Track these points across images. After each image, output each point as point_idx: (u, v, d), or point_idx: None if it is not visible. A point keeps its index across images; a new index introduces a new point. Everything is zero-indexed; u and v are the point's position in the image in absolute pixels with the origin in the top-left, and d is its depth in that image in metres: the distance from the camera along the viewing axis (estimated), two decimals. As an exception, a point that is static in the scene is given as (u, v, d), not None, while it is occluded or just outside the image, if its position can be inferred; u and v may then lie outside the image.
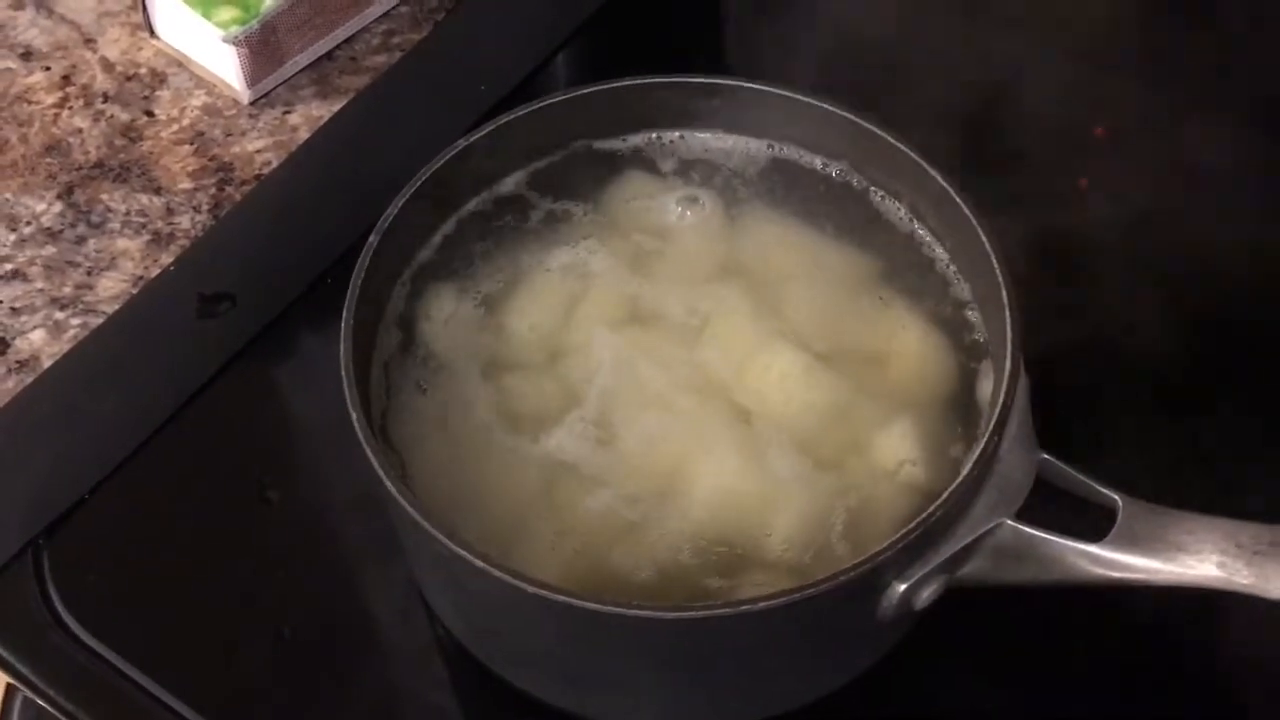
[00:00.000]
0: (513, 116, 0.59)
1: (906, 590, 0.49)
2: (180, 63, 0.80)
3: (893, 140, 0.58)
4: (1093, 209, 0.74)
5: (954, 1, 0.82)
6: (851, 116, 0.59)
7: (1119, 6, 0.80)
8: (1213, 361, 0.66)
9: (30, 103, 0.78)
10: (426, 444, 0.54)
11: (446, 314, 0.58)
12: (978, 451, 0.49)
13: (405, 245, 0.58)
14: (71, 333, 0.68)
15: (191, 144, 0.76)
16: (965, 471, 0.49)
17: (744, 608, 0.46)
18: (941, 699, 0.56)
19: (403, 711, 0.58)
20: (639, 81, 0.61)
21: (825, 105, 0.60)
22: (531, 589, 0.46)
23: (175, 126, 0.77)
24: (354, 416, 0.50)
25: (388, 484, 0.48)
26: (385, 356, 0.56)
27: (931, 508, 0.48)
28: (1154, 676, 0.57)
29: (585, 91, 0.61)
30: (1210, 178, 0.73)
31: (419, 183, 0.57)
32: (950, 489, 0.48)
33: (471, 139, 0.58)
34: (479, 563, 0.46)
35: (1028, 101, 0.75)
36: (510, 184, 0.61)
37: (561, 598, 0.46)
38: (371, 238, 0.55)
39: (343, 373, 0.51)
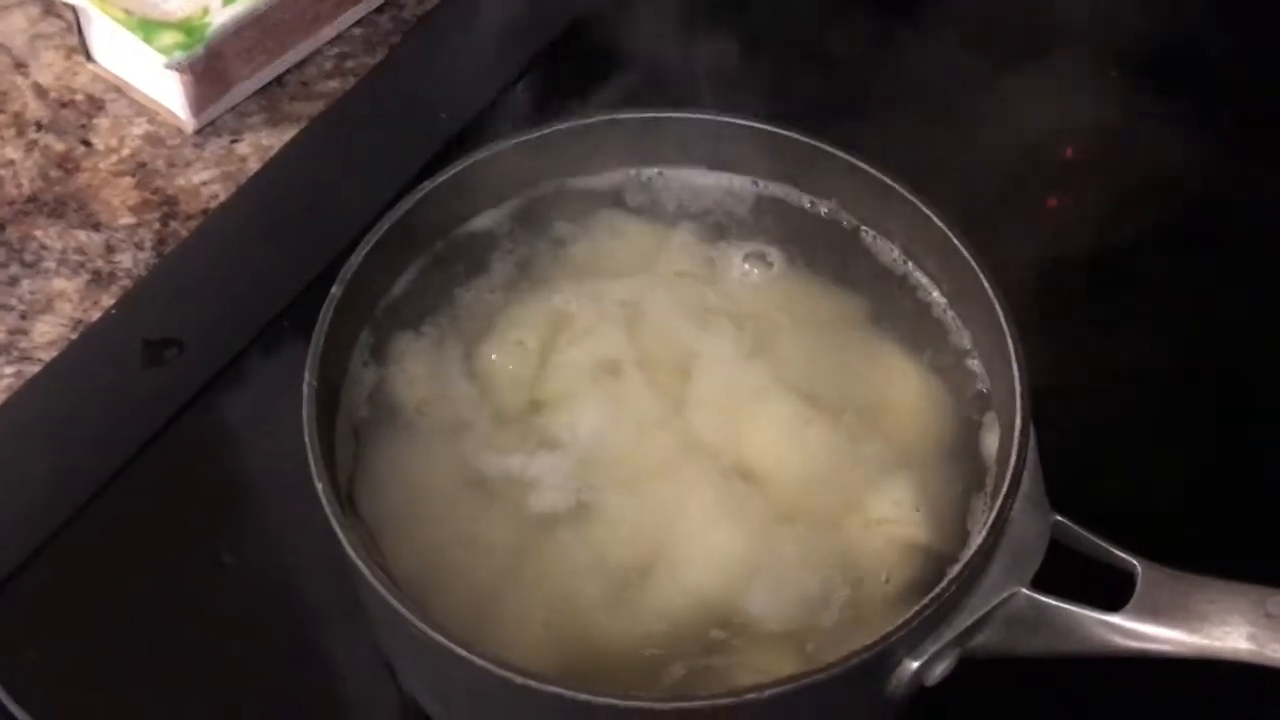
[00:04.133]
0: (481, 155, 0.56)
1: (919, 668, 0.46)
2: (119, 88, 0.75)
3: (888, 180, 0.55)
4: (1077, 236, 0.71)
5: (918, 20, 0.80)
6: (842, 154, 0.56)
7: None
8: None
9: (-43, 132, 0.73)
10: (397, 510, 0.51)
11: (415, 367, 0.54)
12: (991, 517, 0.46)
13: (369, 294, 0.54)
14: (5, 382, 0.64)
15: (132, 176, 0.72)
16: (980, 540, 0.46)
17: (749, 696, 0.42)
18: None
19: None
20: (615, 116, 0.58)
21: (813, 141, 0.57)
22: (519, 679, 0.42)
23: (115, 157, 0.73)
24: (319, 488, 0.46)
25: (360, 565, 0.45)
26: (351, 416, 0.52)
27: (945, 581, 0.45)
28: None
29: (559, 128, 0.57)
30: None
31: (383, 230, 0.53)
32: (965, 559, 0.46)
33: (437, 181, 0.55)
34: (460, 650, 0.43)
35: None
36: (478, 226, 0.57)
37: (552, 688, 0.42)
38: (334, 289, 0.51)
39: (306, 440, 0.47)
